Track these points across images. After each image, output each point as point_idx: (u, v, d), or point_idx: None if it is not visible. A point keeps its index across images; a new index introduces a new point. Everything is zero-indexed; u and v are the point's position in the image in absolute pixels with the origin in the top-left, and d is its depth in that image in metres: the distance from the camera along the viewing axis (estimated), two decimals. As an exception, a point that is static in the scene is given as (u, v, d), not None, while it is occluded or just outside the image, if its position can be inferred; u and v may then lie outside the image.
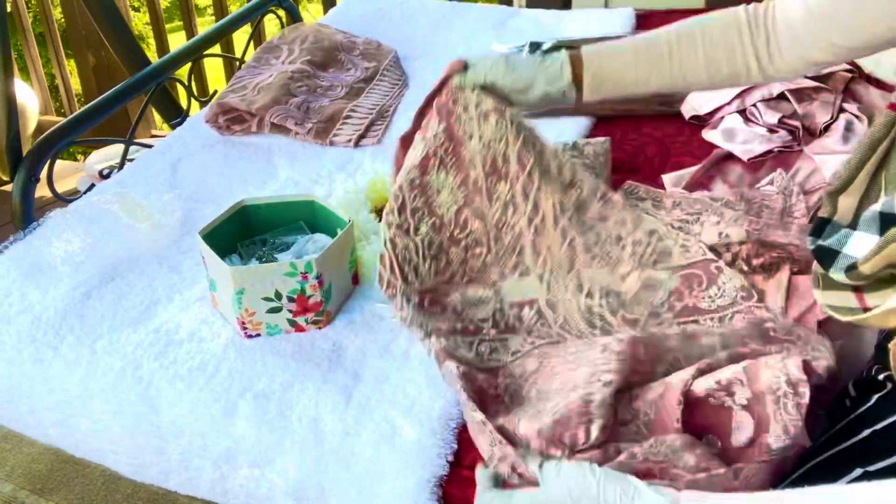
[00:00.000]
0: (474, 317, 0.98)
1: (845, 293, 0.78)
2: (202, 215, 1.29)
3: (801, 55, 0.89)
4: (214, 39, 1.98)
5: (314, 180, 1.40)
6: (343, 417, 0.91)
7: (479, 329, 0.97)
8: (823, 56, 0.87)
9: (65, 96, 3.16)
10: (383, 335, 1.03)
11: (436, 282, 1.00)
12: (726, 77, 0.93)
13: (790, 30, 0.88)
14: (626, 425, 0.79)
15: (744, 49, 0.90)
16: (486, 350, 0.94)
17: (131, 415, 0.98)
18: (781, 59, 0.90)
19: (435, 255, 1.01)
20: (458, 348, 0.93)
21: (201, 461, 0.95)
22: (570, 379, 0.82)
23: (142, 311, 1.10)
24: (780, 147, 1.34)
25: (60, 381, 1.01)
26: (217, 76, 2.93)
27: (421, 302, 0.97)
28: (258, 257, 1.12)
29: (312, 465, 0.89)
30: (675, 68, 0.91)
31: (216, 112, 1.57)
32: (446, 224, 1.02)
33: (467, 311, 0.98)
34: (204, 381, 0.97)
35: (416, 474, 0.85)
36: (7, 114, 1.54)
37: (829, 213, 0.83)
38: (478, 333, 0.96)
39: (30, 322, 1.07)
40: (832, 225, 0.81)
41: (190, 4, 2.76)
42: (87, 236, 1.20)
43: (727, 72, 0.92)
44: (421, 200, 1.02)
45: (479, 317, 0.98)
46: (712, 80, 0.93)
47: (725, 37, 0.91)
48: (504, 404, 0.86)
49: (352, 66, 1.80)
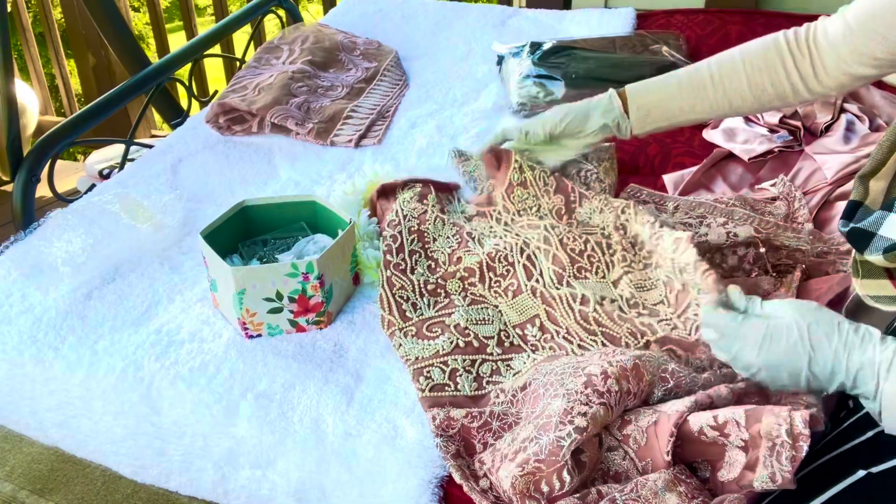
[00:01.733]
0: (479, 333, 0.99)
1: (883, 281, 0.78)
2: (203, 215, 1.30)
3: (846, 71, 0.91)
4: (215, 39, 1.98)
5: (315, 180, 1.40)
6: (344, 418, 0.91)
7: (484, 346, 0.97)
8: (867, 70, 0.89)
9: (65, 96, 3.16)
10: (385, 335, 1.03)
11: (437, 312, 1.03)
12: (773, 98, 0.95)
13: (833, 48, 0.90)
14: (613, 451, 0.78)
15: (787, 72, 0.92)
16: (487, 371, 0.95)
17: (132, 415, 0.98)
18: (827, 76, 0.92)
19: (433, 290, 1.06)
20: (458, 374, 0.93)
21: (203, 462, 0.95)
22: (547, 411, 0.79)
23: (143, 311, 1.09)
24: (781, 147, 1.34)
25: (61, 381, 1.01)
26: (217, 76, 2.93)
27: (419, 332, 0.99)
28: (259, 258, 1.12)
29: (314, 466, 0.89)
30: (719, 94, 0.94)
31: (217, 112, 1.57)
32: (441, 264, 1.08)
33: (472, 327, 0.99)
34: (205, 381, 0.97)
35: (417, 475, 0.85)
36: (8, 114, 1.54)
37: (860, 196, 0.82)
38: (482, 351, 0.97)
39: (31, 323, 1.07)
40: (864, 208, 0.81)
41: (190, 4, 2.76)
42: (88, 237, 1.19)
43: (773, 93, 0.94)
44: (418, 245, 1.10)
45: (485, 333, 0.99)
46: (759, 101, 0.95)
47: (766, 60, 0.93)
48: (491, 430, 0.86)
49: (352, 67, 1.80)
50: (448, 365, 0.94)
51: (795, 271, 0.99)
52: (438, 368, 0.94)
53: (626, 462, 0.77)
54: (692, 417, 0.74)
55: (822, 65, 0.91)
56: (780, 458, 0.68)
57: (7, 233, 1.28)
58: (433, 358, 0.95)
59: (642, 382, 0.80)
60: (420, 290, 1.05)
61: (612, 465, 0.77)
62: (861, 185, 0.83)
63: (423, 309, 1.03)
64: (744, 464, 0.71)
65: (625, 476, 0.77)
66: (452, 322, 0.99)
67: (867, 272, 0.80)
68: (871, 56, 0.87)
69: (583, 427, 0.74)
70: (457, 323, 0.99)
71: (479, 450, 0.84)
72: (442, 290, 1.06)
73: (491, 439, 0.85)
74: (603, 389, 0.78)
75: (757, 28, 1.81)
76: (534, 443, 0.75)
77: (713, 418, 0.73)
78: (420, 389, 0.91)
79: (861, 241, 0.78)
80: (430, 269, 1.08)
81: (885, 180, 0.82)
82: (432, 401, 0.90)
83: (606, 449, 0.78)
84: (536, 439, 0.75)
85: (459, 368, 0.94)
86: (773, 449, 0.68)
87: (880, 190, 0.82)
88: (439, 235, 1.12)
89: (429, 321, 1.01)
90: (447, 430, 0.86)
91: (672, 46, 1.72)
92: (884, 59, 0.86)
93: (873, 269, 0.79)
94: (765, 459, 0.69)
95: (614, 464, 0.77)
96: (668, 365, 0.84)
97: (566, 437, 0.73)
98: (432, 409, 0.88)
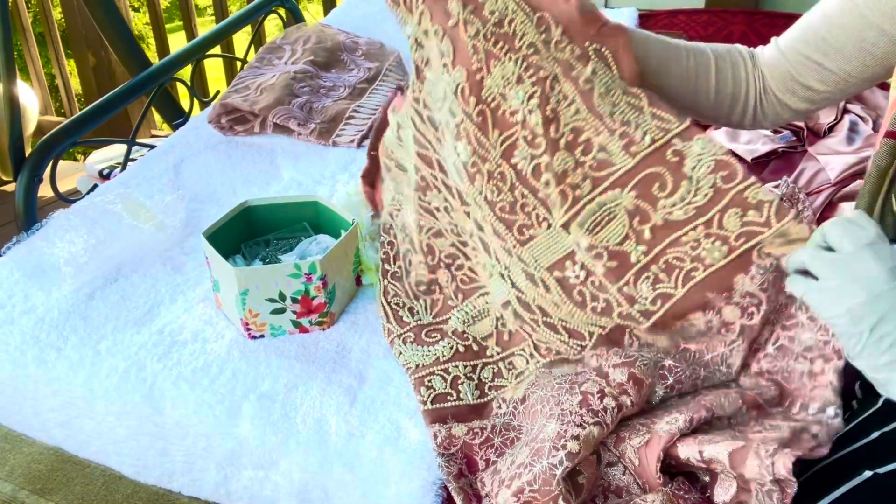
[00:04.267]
0: (478, 334, 0.98)
1: None
2: (205, 216, 1.29)
3: (782, 101, 0.90)
4: (216, 40, 1.98)
5: (317, 181, 1.40)
6: (347, 419, 0.91)
7: (484, 349, 0.97)
8: (797, 103, 0.89)
9: (65, 96, 3.16)
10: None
11: (434, 317, 1.02)
12: (727, 96, 0.92)
13: (771, 75, 0.90)
14: (613, 466, 0.78)
15: (747, 73, 0.91)
16: (488, 375, 0.94)
17: (135, 416, 0.97)
18: (768, 101, 0.91)
19: (426, 290, 1.04)
20: (460, 382, 0.92)
21: (205, 462, 0.95)
22: (542, 434, 0.78)
23: (145, 311, 1.09)
24: (784, 147, 1.34)
25: (64, 382, 1.01)
26: (217, 77, 2.93)
27: (418, 337, 0.98)
28: (262, 258, 1.12)
29: (317, 467, 0.89)
30: (690, 67, 0.90)
31: (219, 112, 1.57)
32: (428, 253, 1.03)
33: (469, 330, 0.98)
34: (208, 382, 0.97)
35: (420, 476, 0.84)
36: (10, 114, 1.54)
37: None
38: (482, 355, 0.96)
39: (33, 323, 1.07)
40: None
41: (190, 4, 2.76)
42: (91, 237, 1.19)
43: (731, 90, 0.92)
44: (407, 241, 1.06)
45: (483, 334, 0.98)
46: (718, 92, 0.92)
47: (732, 56, 0.92)
48: (493, 446, 0.86)
49: (354, 67, 1.80)
50: (449, 373, 0.93)
51: None
52: (440, 377, 0.93)
53: (627, 477, 0.77)
54: (680, 446, 0.73)
55: (764, 91, 0.91)
56: (771, 496, 0.67)
57: (8, 233, 1.28)
58: (434, 365, 0.94)
59: (643, 388, 0.79)
60: (415, 293, 1.04)
61: (613, 480, 0.77)
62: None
63: (420, 313, 1.02)
64: (737, 487, 0.70)
65: (626, 491, 0.76)
66: (450, 328, 0.99)
67: None
68: (802, 84, 0.87)
69: (574, 452, 0.73)
70: (454, 328, 0.98)
71: (481, 466, 0.84)
72: (436, 285, 1.03)
73: (493, 455, 0.84)
74: (598, 408, 0.77)
75: (760, 28, 1.82)
76: (528, 470, 0.75)
77: (699, 453, 0.71)
78: (422, 402, 0.91)
79: None
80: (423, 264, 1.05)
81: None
82: (434, 415, 0.89)
83: (606, 464, 0.78)
84: (530, 466, 0.75)
85: (461, 376, 0.93)
86: (763, 488, 0.68)
87: None
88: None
89: (427, 327, 1.00)
90: (448, 449, 0.85)
91: (674, 47, 1.72)
92: (816, 88, 0.86)
93: None
94: (757, 493, 0.68)
95: (615, 479, 0.77)
96: (665, 360, 0.82)
97: (558, 464, 0.73)
98: (434, 426, 0.88)
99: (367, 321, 1.06)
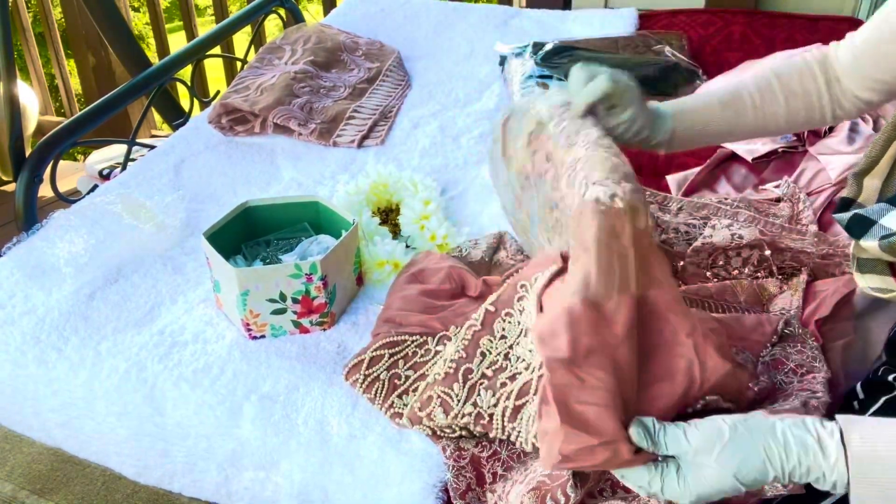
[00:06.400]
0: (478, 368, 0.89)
1: (885, 277, 0.78)
2: (206, 216, 1.29)
3: (858, 96, 0.90)
4: (216, 40, 1.98)
5: (318, 181, 1.40)
6: (349, 420, 0.91)
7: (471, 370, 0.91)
8: (873, 95, 0.89)
9: (65, 96, 3.15)
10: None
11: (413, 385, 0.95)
12: (802, 123, 0.94)
13: (846, 75, 0.90)
14: None
15: (820, 96, 0.91)
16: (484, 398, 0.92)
17: (136, 416, 0.97)
18: (846, 100, 0.92)
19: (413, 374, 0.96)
20: (472, 396, 0.87)
21: (206, 463, 0.95)
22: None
23: (146, 312, 1.09)
24: (785, 147, 1.34)
25: (65, 382, 1.00)
26: (217, 77, 2.93)
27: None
28: (262, 258, 1.12)
29: (317, 468, 0.89)
30: (758, 119, 0.92)
31: (219, 112, 1.57)
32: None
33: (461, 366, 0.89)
34: (209, 382, 0.97)
35: (421, 479, 0.84)
36: (10, 114, 1.53)
37: (853, 193, 0.83)
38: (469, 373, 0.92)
39: (34, 323, 1.07)
40: (857, 206, 0.82)
41: (190, 4, 2.76)
42: (91, 237, 1.19)
43: (803, 118, 0.93)
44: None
45: (484, 366, 0.89)
46: (789, 125, 0.94)
47: (803, 86, 0.92)
48: (500, 460, 0.85)
49: (355, 67, 1.80)
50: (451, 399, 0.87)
51: (801, 274, 0.99)
52: (440, 409, 0.87)
53: None
54: None
55: (840, 89, 0.91)
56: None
57: (8, 233, 1.28)
58: (430, 389, 0.88)
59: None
60: (407, 388, 0.96)
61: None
62: (855, 182, 0.84)
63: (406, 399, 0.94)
64: None
65: None
66: (434, 371, 0.91)
67: (864, 267, 0.81)
68: (874, 79, 0.87)
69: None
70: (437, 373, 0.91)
71: (488, 480, 0.84)
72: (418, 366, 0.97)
73: (500, 469, 0.84)
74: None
75: (760, 28, 1.81)
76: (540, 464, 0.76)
77: None
78: (427, 435, 0.88)
79: (859, 228, 0.79)
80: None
81: (879, 178, 0.83)
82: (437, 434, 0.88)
83: None
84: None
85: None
86: None
87: (874, 188, 0.82)
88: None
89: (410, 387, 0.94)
90: (458, 461, 0.85)
91: (675, 47, 1.72)
92: (886, 81, 0.87)
93: (876, 266, 0.79)
94: None
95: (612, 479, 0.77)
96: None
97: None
98: (441, 441, 0.87)
99: (368, 321, 1.06)
